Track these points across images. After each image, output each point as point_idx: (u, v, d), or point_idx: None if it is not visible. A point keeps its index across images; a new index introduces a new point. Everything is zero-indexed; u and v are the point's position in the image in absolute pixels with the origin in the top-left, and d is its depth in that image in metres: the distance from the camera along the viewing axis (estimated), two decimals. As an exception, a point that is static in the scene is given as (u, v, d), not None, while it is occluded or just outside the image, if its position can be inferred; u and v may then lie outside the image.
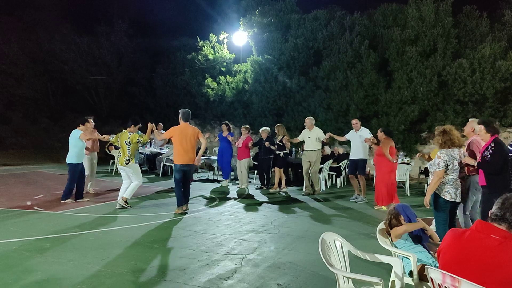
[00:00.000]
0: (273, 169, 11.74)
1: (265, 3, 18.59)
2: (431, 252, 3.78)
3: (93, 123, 9.27)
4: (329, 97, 15.62)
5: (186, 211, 8.05)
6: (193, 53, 21.12)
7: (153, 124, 8.44)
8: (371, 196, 9.87)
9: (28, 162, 16.26)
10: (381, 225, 4.06)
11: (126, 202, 8.23)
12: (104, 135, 9.57)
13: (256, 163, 12.73)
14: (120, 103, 23.88)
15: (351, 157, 10.12)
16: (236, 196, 10.30)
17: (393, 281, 3.46)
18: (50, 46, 23.57)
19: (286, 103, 16.71)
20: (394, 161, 8.95)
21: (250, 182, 12.54)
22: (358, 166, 9.99)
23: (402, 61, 14.32)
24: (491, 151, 5.24)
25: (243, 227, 6.98)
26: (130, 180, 8.33)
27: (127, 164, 8.14)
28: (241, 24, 19.09)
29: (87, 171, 9.39)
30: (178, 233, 6.43)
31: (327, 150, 13.60)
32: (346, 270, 3.36)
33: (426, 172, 11.47)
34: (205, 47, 20.81)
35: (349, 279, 3.27)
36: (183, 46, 22.47)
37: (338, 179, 12.79)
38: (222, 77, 19.65)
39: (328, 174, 12.60)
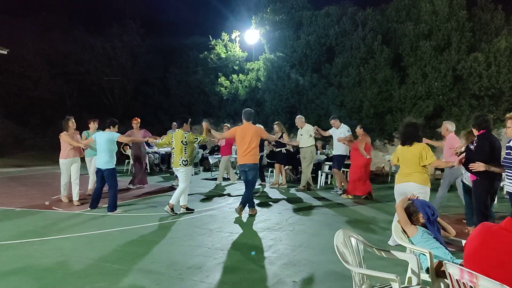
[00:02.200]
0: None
1: (277, 0, 18.55)
2: (449, 248, 3.75)
3: (74, 124, 8.72)
4: (342, 94, 15.54)
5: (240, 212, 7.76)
6: (205, 52, 21.20)
7: (208, 123, 8.30)
8: (382, 193, 9.81)
9: (46, 163, 16.51)
10: (396, 222, 4.04)
11: (187, 208, 7.92)
12: (152, 137, 9.10)
13: (270, 160, 12.74)
14: (134, 103, 24.11)
15: (334, 152, 10.65)
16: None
17: (410, 278, 3.46)
18: (65, 48, 23.93)
19: (299, 100, 16.68)
20: (368, 157, 9.62)
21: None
22: (335, 161, 10.51)
23: (416, 56, 14.18)
24: (475, 144, 5.52)
25: (257, 225, 7.01)
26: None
27: (185, 165, 7.74)
28: (252, 22, 19.08)
29: (74, 177, 8.66)
30: (194, 231, 6.49)
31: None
32: (362, 267, 3.36)
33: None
34: (218, 45, 20.87)
35: (365, 276, 3.27)
36: (196, 45, 22.58)
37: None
38: (235, 76, 19.70)
39: (342, 171, 12.52)
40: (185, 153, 7.75)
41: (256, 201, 9.28)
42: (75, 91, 25.20)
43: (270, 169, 12.60)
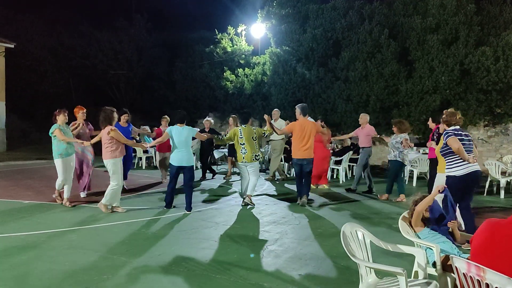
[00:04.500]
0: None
1: (283, -6, 18.47)
2: (455, 243, 3.74)
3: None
4: (348, 88, 15.48)
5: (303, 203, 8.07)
6: (211, 46, 21.18)
7: (269, 116, 8.42)
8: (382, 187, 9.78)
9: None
10: (403, 215, 4.02)
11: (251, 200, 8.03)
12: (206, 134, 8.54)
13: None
14: (140, 97, 24.16)
15: None
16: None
17: (416, 272, 3.46)
18: (71, 42, 23.98)
19: (305, 94, 16.64)
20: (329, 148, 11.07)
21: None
22: None
23: (423, 50, 14.08)
24: (436, 135, 7.37)
25: (264, 219, 7.02)
26: (248, 177, 8.05)
27: (257, 159, 7.91)
28: (259, 16, 19.03)
29: (121, 179, 7.42)
30: (200, 225, 6.51)
31: (348, 141, 13.49)
32: (368, 261, 3.36)
33: None
34: (223, 39, 20.84)
35: (371, 269, 3.28)
36: (202, 39, 22.57)
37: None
38: (240, 70, 19.67)
39: (348, 166, 12.54)
40: (256, 147, 7.92)
41: (262, 196, 9.31)
42: (81, 85, 25.27)
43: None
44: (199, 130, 8.49)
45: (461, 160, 5.39)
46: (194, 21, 26.20)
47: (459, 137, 5.38)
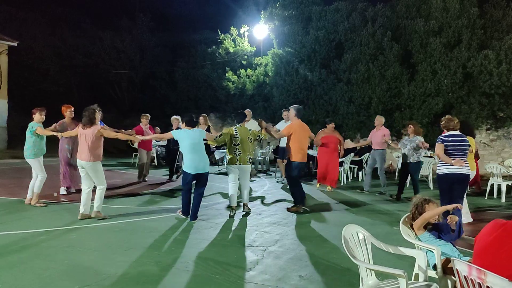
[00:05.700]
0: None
1: (286, -5, 18.46)
2: (456, 246, 3.72)
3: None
4: (350, 90, 15.46)
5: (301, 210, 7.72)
6: (213, 47, 21.20)
7: (262, 120, 7.97)
8: (390, 190, 9.76)
9: (53, 154, 16.49)
10: (404, 219, 3.99)
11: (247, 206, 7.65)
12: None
13: (276, 156, 12.73)
14: (141, 97, 24.17)
15: (281, 144, 11.20)
16: (257, 189, 10.34)
17: (417, 274, 3.44)
18: (74, 41, 24.04)
19: (307, 96, 16.62)
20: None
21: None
22: (280, 152, 11.26)
23: (426, 53, 14.06)
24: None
25: (264, 220, 7.00)
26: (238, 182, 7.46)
27: (252, 163, 7.48)
28: (261, 17, 19.04)
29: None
30: (200, 225, 6.49)
31: (349, 143, 13.45)
32: (369, 262, 3.34)
33: None
34: (226, 40, 20.85)
35: (372, 271, 3.26)
36: (204, 39, 22.60)
37: (360, 173, 12.69)
38: (242, 70, 19.67)
39: (350, 167, 12.52)
40: (252, 151, 7.49)
41: (262, 197, 9.29)
42: (82, 84, 25.31)
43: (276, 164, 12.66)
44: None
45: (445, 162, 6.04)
46: (197, 21, 26.24)
47: (448, 142, 6.00)
